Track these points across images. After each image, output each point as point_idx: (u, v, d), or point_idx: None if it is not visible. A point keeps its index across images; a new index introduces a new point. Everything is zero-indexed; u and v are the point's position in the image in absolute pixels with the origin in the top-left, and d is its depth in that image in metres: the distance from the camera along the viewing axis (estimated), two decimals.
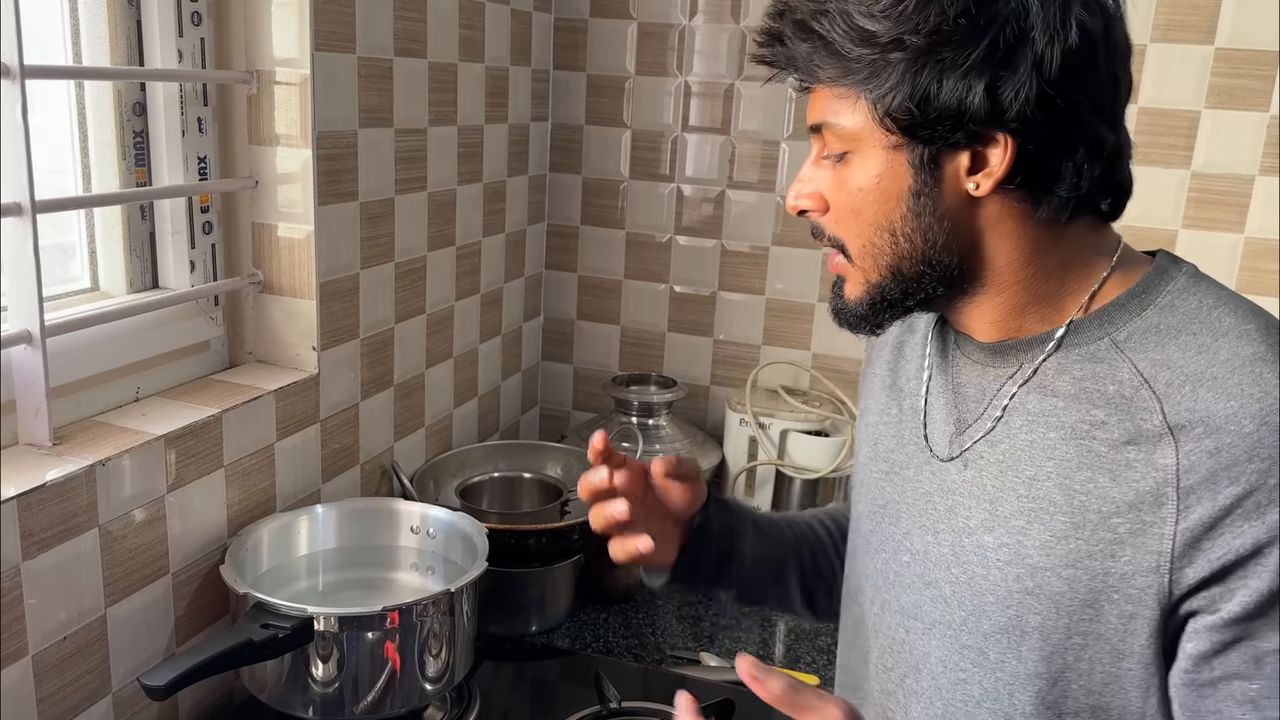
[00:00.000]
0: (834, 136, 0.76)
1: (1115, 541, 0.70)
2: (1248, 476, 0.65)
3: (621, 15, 1.78)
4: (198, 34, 1.17)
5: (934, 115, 0.70)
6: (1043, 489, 0.74)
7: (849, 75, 0.73)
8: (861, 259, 0.78)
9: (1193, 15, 1.51)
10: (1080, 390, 0.74)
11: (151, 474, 1.03)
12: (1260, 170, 1.53)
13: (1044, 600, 0.73)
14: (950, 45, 0.69)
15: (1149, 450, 0.69)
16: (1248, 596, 0.66)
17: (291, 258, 1.24)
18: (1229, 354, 0.69)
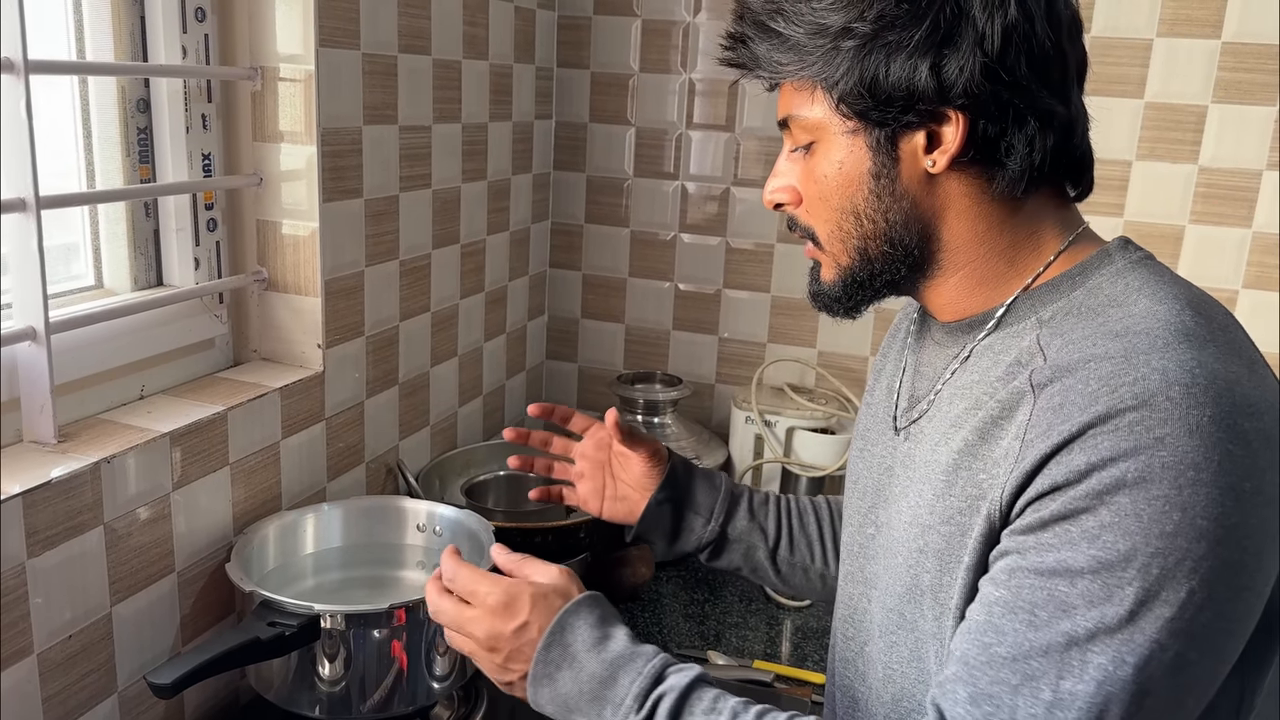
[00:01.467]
0: (799, 128, 0.79)
1: (977, 496, 0.72)
2: (1071, 428, 0.65)
3: (625, 12, 1.78)
4: (201, 30, 1.16)
5: (884, 97, 0.73)
6: (939, 454, 0.77)
7: (806, 67, 0.76)
8: (830, 243, 0.81)
9: (1200, 10, 1.51)
10: (991, 364, 0.76)
11: (156, 472, 1.02)
12: (1267, 165, 1.53)
13: (931, 557, 0.76)
14: (894, 28, 0.72)
15: (1014, 408, 0.71)
16: (1030, 519, 0.66)
17: (296, 255, 1.23)
18: (1121, 326, 0.69)
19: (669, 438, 1.73)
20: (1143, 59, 1.54)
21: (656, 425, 1.75)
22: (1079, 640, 0.63)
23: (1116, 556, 0.62)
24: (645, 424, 1.74)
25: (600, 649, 0.80)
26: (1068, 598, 0.63)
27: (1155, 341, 0.66)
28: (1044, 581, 0.65)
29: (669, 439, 1.73)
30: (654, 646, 0.81)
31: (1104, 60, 1.56)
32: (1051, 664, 0.64)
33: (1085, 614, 0.63)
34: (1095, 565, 0.63)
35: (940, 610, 0.75)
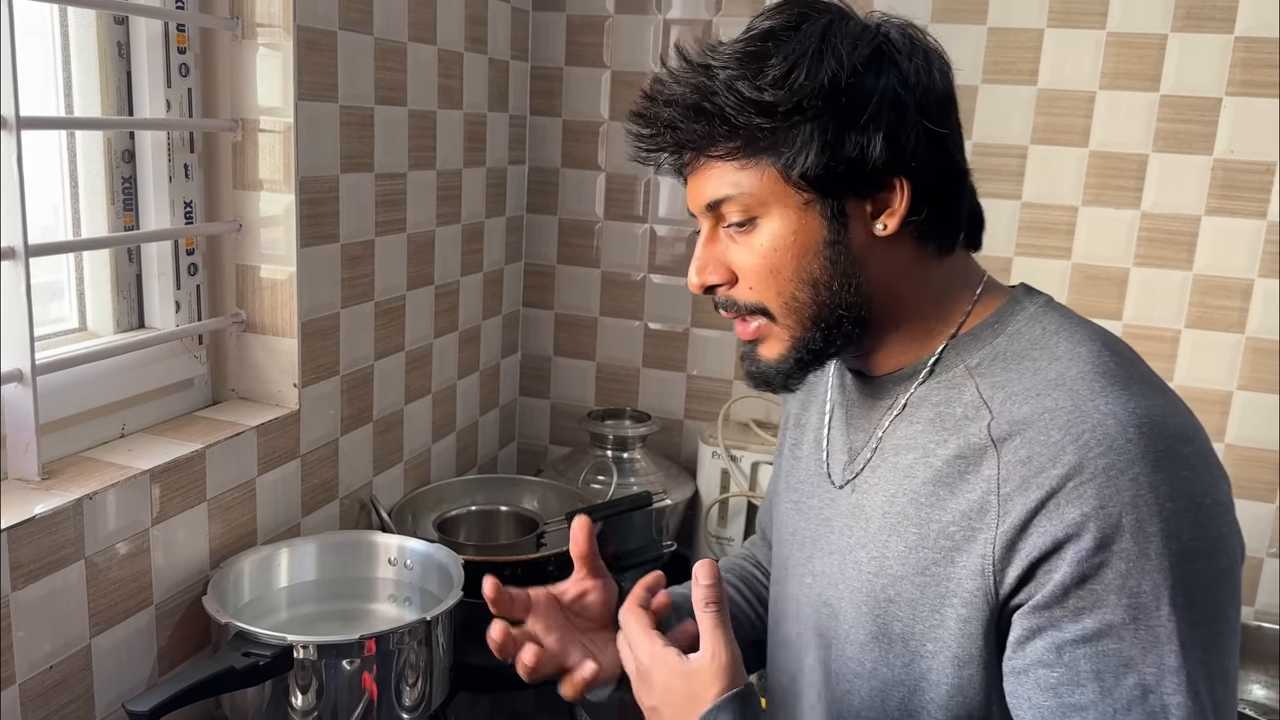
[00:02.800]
0: (738, 207, 0.79)
1: (953, 548, 0.76)
2: (1051, 480, 0.70)
3: (595, 64, 1.85)
4: (185, 84, 1.22)
5: (843, 169, 0.75)
6: (898, 505, 0.80)
7: (751, 146, 0.77)
8: (785, 315, 0.81)
9: (1139, 64, 1.59)
10: (935, 415, 0.80)
11: (136, 508, 1.06)
12: (1206, 210, 1.60)
13: (903, 606, 0.79)
14: (847, 103, 0.75)
15: (977, 462, 0.75)
16: (1049, 588, 0.70)
17: (274, 298, 1.28)
18: (1057, 374, 0.75)
19: (638, 472, 1.78)
20: (1086, 110, 1.62)
21: (626, 460, 1.79)
22: (1151, 687, 0.68)
23: (1147, 599, 0.67)
24: (615, 459, 1.78)
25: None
26: (1124, 652, 0.68)
27: (1093, 387, 0.72)
28: (1095, 647, 0.69)
29: (638, 474, 1.78)
30: None
31: (1050, 111, 1.64)
32: (1139, 717, 0.68)
33: (1144, 661, 0.68)
34: (1134, 613, 0.68)
35: (911, 656, 0.79)
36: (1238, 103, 1.56)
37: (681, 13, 1.79)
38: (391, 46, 1.42)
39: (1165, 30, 1.57)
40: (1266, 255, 1.59)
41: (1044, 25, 1.61)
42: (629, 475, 1.77)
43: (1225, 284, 1.61)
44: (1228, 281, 1.61)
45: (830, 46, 0.75)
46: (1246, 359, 1.62)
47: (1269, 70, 1.54)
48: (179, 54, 1.20)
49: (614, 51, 1.83)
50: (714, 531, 1.79)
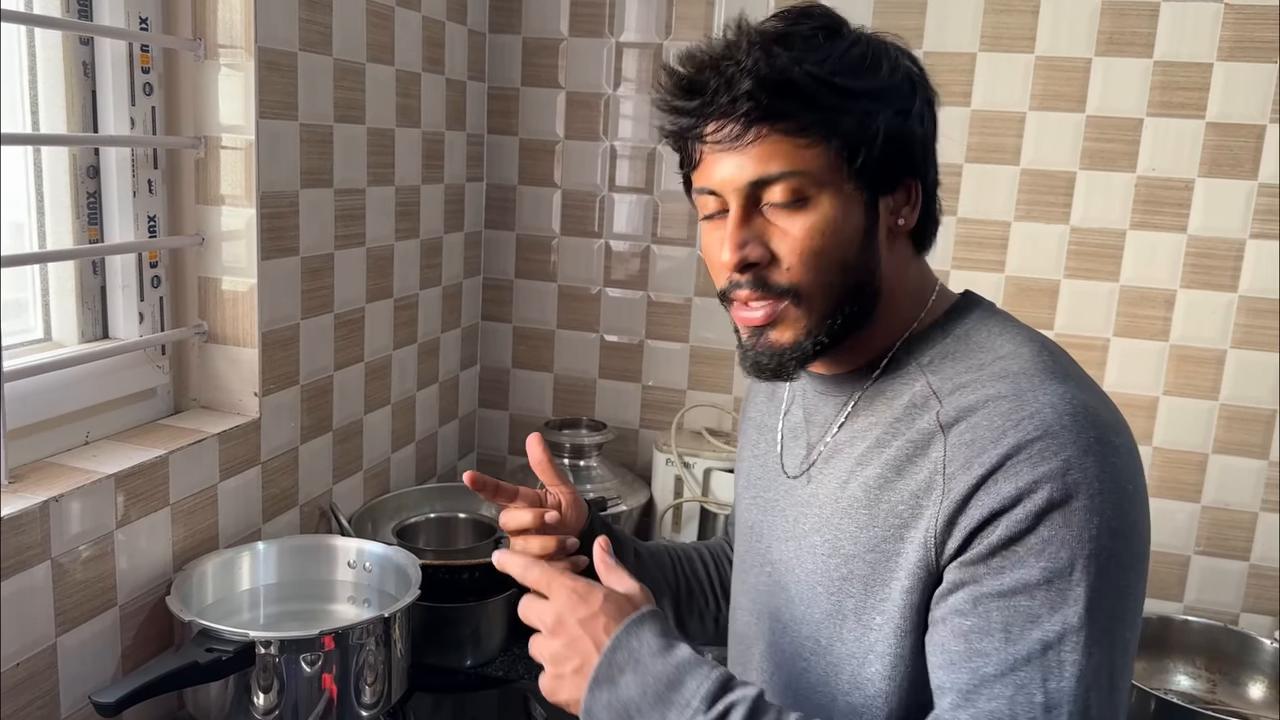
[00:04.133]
0: (792, 185, 0.80)
1: (901, 525, 0.82)
2: (992, 459, 0.76)
3: (551, 84, 1.91)
4: (149, 103, 1.26)
5: (893, 159, 0.81)
6: (850, 489, 0.86)
7: (823, 126, 0.79)
8: (815, 298, 0.82)
9: (1066, 86, 1.67)
10: (887, 407, 0.87)
11: (101, 511, 1.10)
12: (1131, 225, 1.69)
13: (855, 583, 0.85)
14: (902, 97, 0.82)
15: (926, 447, 0.81)
16: (978, 549, 0.76)
17: (235, 309, 1.32)
18: (1001, 368, 0.82)
19: (595, 479, 1.83)
20: (1018, 130, 1.70)
21: (583, 468, 1.84)
22: (1052, 643, 0.73)
23: (1062, 565, 0.73)
24: (572, 467, 1.83)
25: (666, 655, 0.78)
26: (1032, 609, 0.74)
27: (1034, 380, 0.79)
28: (1008, 601, 0.74)
29: (595, 480, 1.83)
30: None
31: (984, 131, 1.72)
32: (1035, 670, 0.73)
33: (1050, 619, 0.74)
34: (1048, 575, 0.73)
35: (863, 630, 0.84)
36: (1157, 123, 1.65)
37: (633, 36, 1.85)
38: (350, 67, 1.47)
39: (1090, 54, 1.66)
40: (1187, 267, 1.68)
41: (976, 49, 1.70)
42: (585, 482, 1.82)
43: (1150, 295, 1.70)
44: (1152, 292, 1.70)
45: (882, 52, 0.82)
46: (1171, 366, 1.71)
47: (1186, 92, 1.63)
48: (143, 73, 1.25)
49: (569, 73, 1.89)
50: (669, 536, 1.84)
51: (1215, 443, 1.71)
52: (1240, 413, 1.69)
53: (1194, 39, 1.62)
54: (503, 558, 0.90)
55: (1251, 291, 1.66)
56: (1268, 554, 1.71)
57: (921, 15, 1.70)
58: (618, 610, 0.80)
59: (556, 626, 0.81)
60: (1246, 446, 1.70)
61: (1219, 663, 1.54)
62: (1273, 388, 1.67)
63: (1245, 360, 1.68)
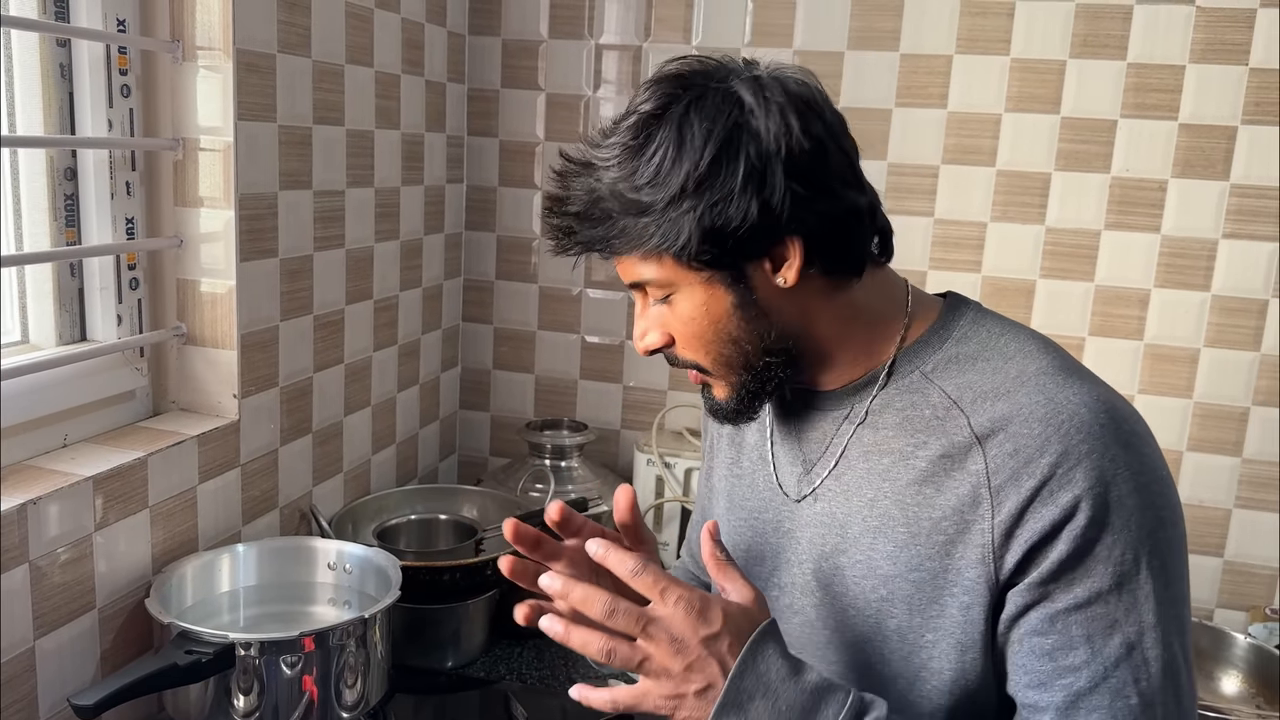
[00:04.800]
0: (653, 288, 0.86)
1: (947, 542, 0.82)
2: (1042, 469, 0.77)
3: (531, 86, 1.91)
4: (127, 105, 1.26)
5: (729, 244, 0.81)
6: (881, 508, 0.85)
7: (643, 243, 0.82)
8: (717, 369, 0.88)
9: (1040, 88, 1.69)
10: (903, 419, 0.86)
11: (79, 513, 1.10)
12: (1105, 225, 1.71)
13: (898, 604, 0.84)
14: (713, 184, 0.79)
15: (962, 459, 0.81)
16: (1046, 565, 0.78)
17: (214, 311, 1.32)
18: (1017, 372, 0.82)
19: (576, 480, 1.83)
20: (993, 131, 1.72)
21: (564, 469, 1.85)
22: (1134, 644, 0.76)
23: (1129, 566, 0.76)
24: (553, 468, 1.84)
25: (796, 679, 0.76)
26: (1109, 615, 0.76)
27: (1057, 381, 0.80)
28: (1085, 613, 0.76)
29: (576, 481, 1.83)
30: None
31: (960, 133, 1.73)
32: (1125, 673, 0.76)
33: (1128, 621, 0.76)
34: (1118, 579, 0.76)
35: (910, 650, 0.84)
36: (1131, 124, 1.67)
37: (613, 38, 1.86)
38: (329, 68, 1.47)
39: (1064, 56, 1.68)
40: (1161, 267, 1.70)
41: (953, 51, 1.71)
42: (567, 483, 1.82)
43: (1124, 294, 1.72)
44: (1126, 292, 1.72)
45: (689, 134, 0.79)
46: (1145, 364, 1.73)
47: (1159, 94, 1.65)
48: (120, 75, 1.24)
49: (548, 74, 1.90)
50: None
51: (1189, 440, 1.73)
52: (1214, 410, 1.71)
53: (1166, 41, 1.64)
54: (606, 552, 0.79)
55: (1224, 290, 1.68)
56: (1242, 550, 1.74)
57: (898, 18, 1.72)
58: (738, 629, 0.77)
59: (676, 645, 0.75)
60: (1220, 444, 1.72)
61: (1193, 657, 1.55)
62: (1245, 386, 1.70)
63: (1218, 358, 1.70)
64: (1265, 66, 1.61)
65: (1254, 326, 1.68)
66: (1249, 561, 1.74)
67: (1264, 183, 1.64)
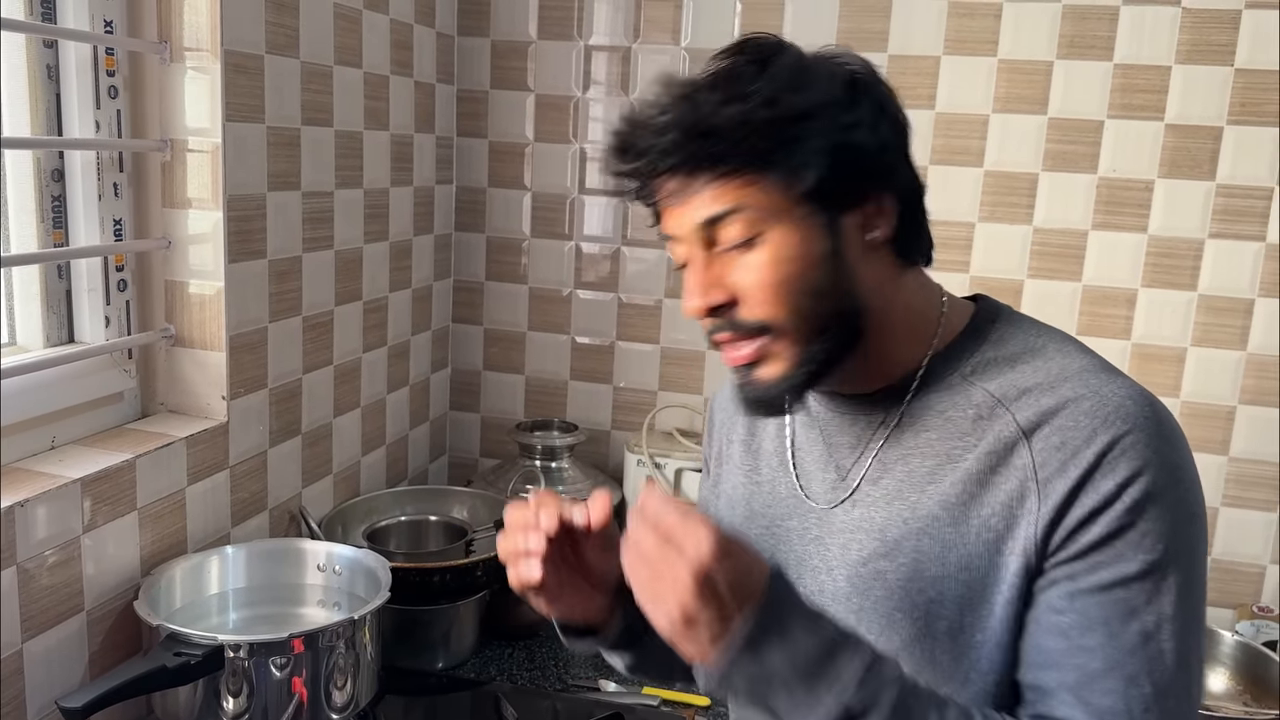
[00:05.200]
0: (740, 224, 0.79)
1: (996, 539, 0.81)
2: (1088, 459, 0.77)
3: (520, 87, 1.91)
4: (114, 106, 1.25)
5: (845, 176, 0.79)
6: (925, 509, 0.84)
7: (753, 163, 0.78)
8: (790, 329, 0.81)
9: (1028, 89, 1.70)
10: (944, 421, 0.85)
11: (68, 516, 1.09)
12: (1093, 225, 1.71)
13: (947, 605, 0.82)
14: (842, 110, 0.79)
15: (1008, 455, 0.81)
16: (1075, 547, 0.77)
17: (203, 312, 1.32)
18: (1059, 369, 0.82)
19: (567, 481, 1.84)
20: (981, 132, 1.73)
21: (555, 469, 1.85)
22: (1151, 634, 0.75)
23: (1160, 555, 0.75)
24: (544, 468, 1.84)
25: (817, 626, 0.74)
26: (1130, 601, 0.75)
27: (1101, 377, 0.80)
28: (1106, 595, 0.76)
29: (567, 482, 1.83)
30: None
31: (948, 134, 1.74)
32: (1140, 661, 0.75)
33: (1147, 610, 0.75)
34: (1146, 568, 0.75)
35: (960, 650, 0.82)
36: (1118, 125, 1.68)
37: (602, 39, 1.86)
38: (318, 70, 1.47)
39: (1051, 57, 1.68)
40: (1148, 266, 1.71)
41: (940, 53, 1.72)
42: (557, 484, 1.82)
43: (1111, 294, 1.73)
44: (1114, 291, 1.73)
45: (815, 67, 0.80)
46: (1133, 364, 1.74)
47: (1145, 95, 1.66)
48: (108, 76, 1.24)
49: (538, 75, 1.90)
50: None
51: None
52: (1200, 409, 1.72)
53: (1153, 42, 1.65)
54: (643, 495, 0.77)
55: (1210, 290, 1.69)
56: (1229, 549, 1.75)
57: (886, 19, 1.72)
58: (754, 573, 0.73)
59: (702, 581, 0.71)
60: (1207, 442, 1.73)
61: None
62: (1232, 385, 1.71)
63: (1205, 358, 1.71)
64: (1250, 67, 1.62)
65: (1240, 326, 1.69)
66: (1236, 560, 1.75)
67: (1250, 183, 1.65)
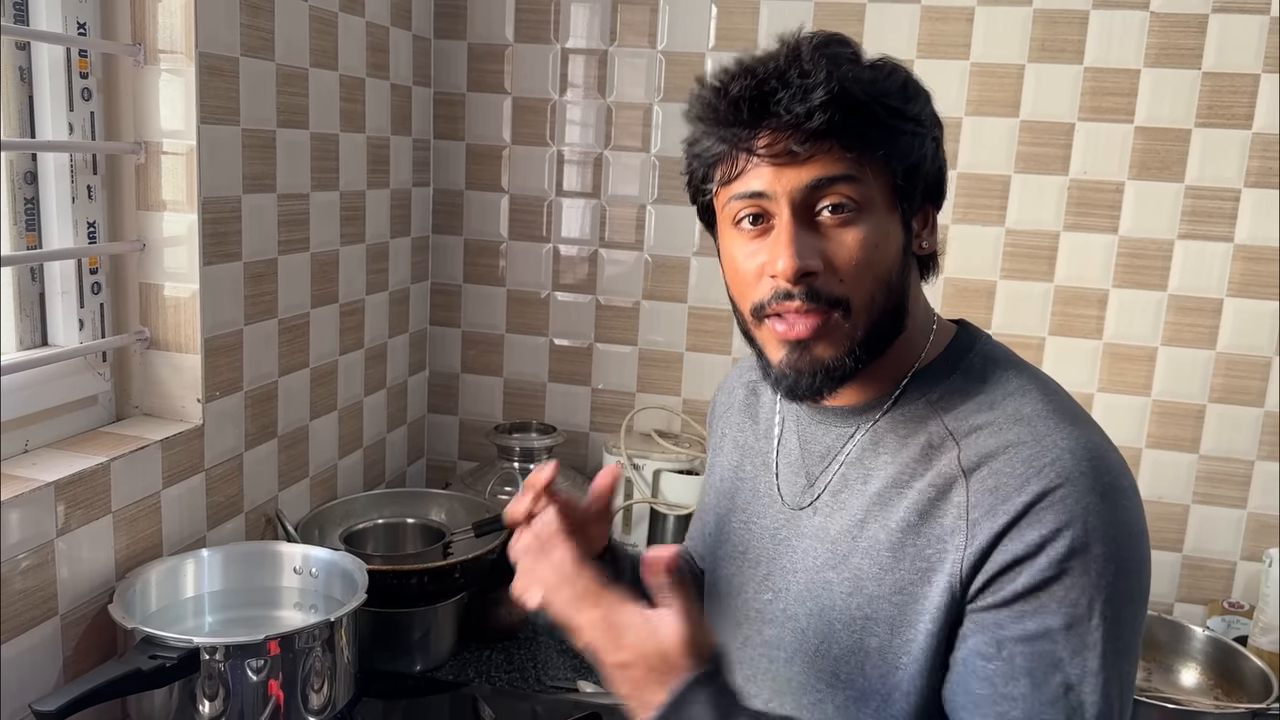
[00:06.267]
0: (851, 192, 0.80)
1: (927, 569, 0.83)
2: (1016, 507, 0.78)
3: (497, 90, 1.91)
4: (88, 108, 1.25)
5: (925, 185, 0.85)
6: (870, 530, 0.86)
7: (882, 143, 0.80)
8: (861, 311, 0.82)
9: (1000, 92, 1.72)
10: (901, 444, 0.87)
11: (41, 519, 1.09)
12: (1064, 227, 1.74)
13: (880, 624, 0.85)
14: (935, 126, 0.86)
15: (947, 490, 0.83)
16: (1002, 594, 0.79)
17: (177, 315, 1.31)
18: (1013, 410, 0.84)
19: None
20: (954, 135, 1.74)
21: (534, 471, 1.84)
22: (1073, 685, 0.77)
23: (1082, 611, 0.76)
24: (523, 470, 1.84)
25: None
26: (1054, 654, 0.77)
27: (1049, 424, 0.81)
28: (1031, 647, 0.77)
29: None
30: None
31: None
32: (1060, 712, 0.76)
33: (1071, 663, 0.77)
34: (1069, 621, 0.76)
35: (887, 668, 0.85)
36: (1088, 127, 1.70)
37: (579, 42, 1.87)
38: (293, 72, 1.47)
39: (1023, 61, 1.70)
40: (1119, 267, 1.73)
41: (914, 56, 1.74)
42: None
43: (1083, 294, 1.75)
44: (1085, 292, 1.75)
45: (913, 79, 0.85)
46: (1104, 363, 1.76)
47: (1115, 97, 1.68)
48: (81, 79, 1.24)
49: (514, 78, 1.90)
50: (619, 538, 1.85)
51: (1148, 437, 1.76)
52: (1171, 407, 1.75)
53: (1122, 46, 1.67)
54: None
55: (1180, 290, 1.71)
56: (1200, 545, 1.77)
57: (860, 23, 1.74)
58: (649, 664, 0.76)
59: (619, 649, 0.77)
60: (1178, 441, 1.75)
61: (1153, 651, 1.58)
62: (1202, 383, 1.73)
63: (1175, 357, 1.73)
64: (1218, 70, 1.64)
65: (1209, 325, 1.71)
66: (1207, 556, 1.77)
67: (1218, 184, 1.67)
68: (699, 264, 1.90)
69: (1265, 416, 1.71)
